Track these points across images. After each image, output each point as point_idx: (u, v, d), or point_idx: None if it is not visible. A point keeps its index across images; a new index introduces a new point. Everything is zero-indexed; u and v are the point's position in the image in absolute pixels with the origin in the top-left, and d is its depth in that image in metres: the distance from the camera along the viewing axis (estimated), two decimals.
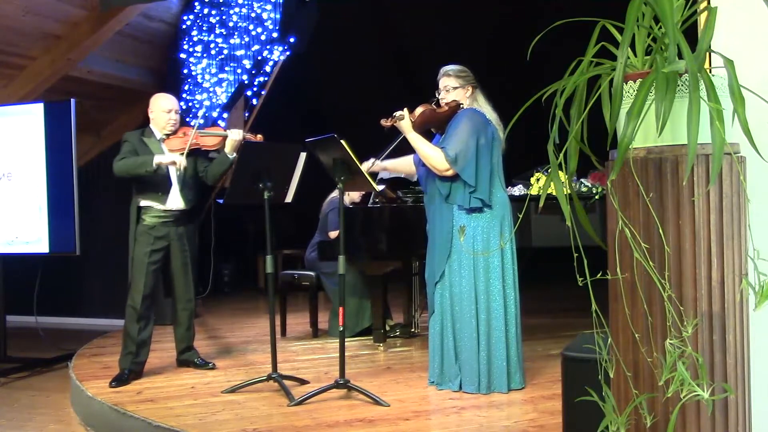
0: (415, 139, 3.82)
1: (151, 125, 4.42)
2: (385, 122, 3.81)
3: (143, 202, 4.32)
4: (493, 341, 3.74)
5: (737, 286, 1.78)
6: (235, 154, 4.32)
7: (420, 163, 3.95)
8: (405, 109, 3.80)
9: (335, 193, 5.72)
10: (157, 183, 4.29)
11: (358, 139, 3.80)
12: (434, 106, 3.87)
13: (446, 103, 3.88)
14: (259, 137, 4.33)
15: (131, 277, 4.28)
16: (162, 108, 4.38)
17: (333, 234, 5.54)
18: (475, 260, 3.74)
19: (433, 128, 3.96)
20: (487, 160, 3.76)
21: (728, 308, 1.76)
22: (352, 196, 5.61)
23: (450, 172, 3.74)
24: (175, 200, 4.35)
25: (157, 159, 4.20)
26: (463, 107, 3.88)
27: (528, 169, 5.51)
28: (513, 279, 3.81)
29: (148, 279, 4.27)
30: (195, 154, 4.42)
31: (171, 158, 4.23)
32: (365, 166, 3.99)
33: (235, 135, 4.31)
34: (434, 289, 3.87)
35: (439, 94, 3.91)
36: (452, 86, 3.88)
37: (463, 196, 3.75)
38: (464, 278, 3.75)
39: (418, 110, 3.82)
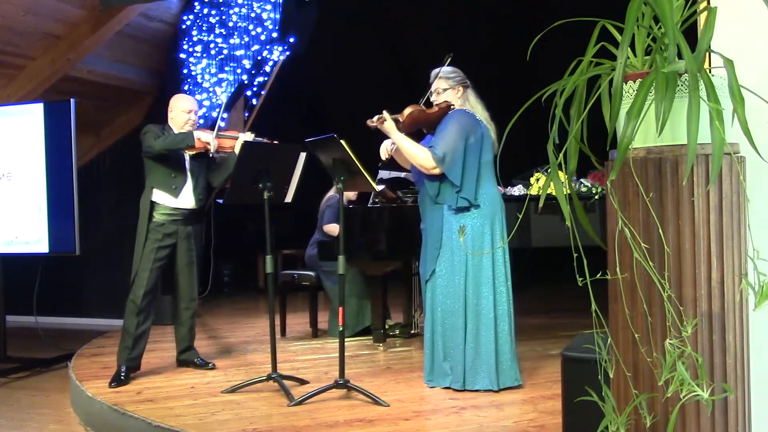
0: (400, 139, 3.84)
1: (169, 123, 4.48)
2: (371, 123, 3.84)
3: (156, 196, 4.34)
4: (482, 339, 3.75)
5: (737, 286, 1.78)
6: None
7: None
8: (384, 112, 3.82)
9: (332, 191, 5.74)
10: (174, 176, 4.35)
11: (358, 139, 3.80)
12: (424, 107, 3.90)
13: (437, 104, 3.92)
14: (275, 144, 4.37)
15: (135, 271, 4.29)
16: (183, 108, 4.45)
17: (326, 227, 5.57)
18: (465, 259, 3.77)
19: (424, 128, 3.99)
20: (475, 161, 3.79)
21: (728, 308, 1.76)
22: (348, 195, 5.61)
23: (437, 171, 3.78)
24: (187, 198, 4.40)
25: (197, 134, 4.28)
26: (454, 108, 3.91)
27: (528, 169, 5.51)
28: (505, 277, 3.82)
29: (152, 275, 4.29)
30: (206, 156, 4.45)
31: (208, 138, 4.29)
32: (387, 148, 3.98)
33: (247, 137, 4.37)
34: (425, 288, 3.91)
35: (431, 97, 3.94)
36: (442, 88, 3.92)
37: (451, 196, 3.79)
38: (454, 277, 3.78)
39: (407, 111, 3.84)
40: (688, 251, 1.75)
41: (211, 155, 4.44)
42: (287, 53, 7.03)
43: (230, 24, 6.78)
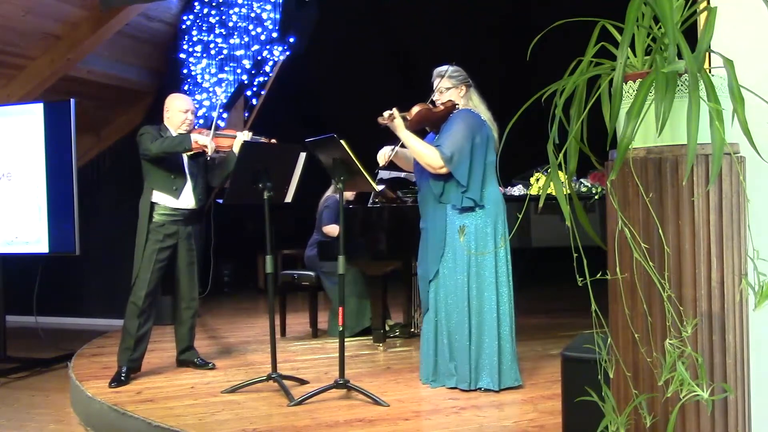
0: (408, 137, 3.84)
1: (165, 123, 4.46)
2: (382, 120, 3.86)
3: (156, 197, 4.34)
4: (485, 339, 3.76)
5: (737, 286, 1.78)
6: None
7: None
8: (394, 109, 3.83)
9: (330, 191, 5.74)
10: (173, 178, 4.35)
11: (358, 139, 3.81)
12: (430, 105, 3.91)
13: (442, 103, 3.92)
14: (273, 142, 4.37)
15: (136, 272, 4.29)
16: (179, 108, 4.44)
17: (326, 229, 5.58)
18: (468, 258, 3.77)
19: (429, 127, 4.00)
20: (481, 161, 3.80)
21: (728, 308, 1.76)
22: (346, 195, 5.61)
23: (444, 170, 3.77)
24: (188, 198, 4.40)
25: (194, 137, 4.27)
26: (458, 107, 3.91)
27: (528, 169, 5.51)
28: (507, 277, 3.83)
29: (153, 276, 4.29)
30: (204, 156, 4.45)
31: (205, 141, 4.29)
32: (385, 154, 3.98)
33: (244, 136, 4.37)
34: (428, 288, 3.90)
35: (434, 95, 3.94)
36: (445, 87, 3.92)
37: (456, 195, 3.79)
38: (457, 276, 3.78)
39: (415, 109, 3.85)
40: (688, 251, 1.75)
41: (209, 157, 4.43)
42: (287, 53, 7.03)
43: (230, 24, 6.79)
